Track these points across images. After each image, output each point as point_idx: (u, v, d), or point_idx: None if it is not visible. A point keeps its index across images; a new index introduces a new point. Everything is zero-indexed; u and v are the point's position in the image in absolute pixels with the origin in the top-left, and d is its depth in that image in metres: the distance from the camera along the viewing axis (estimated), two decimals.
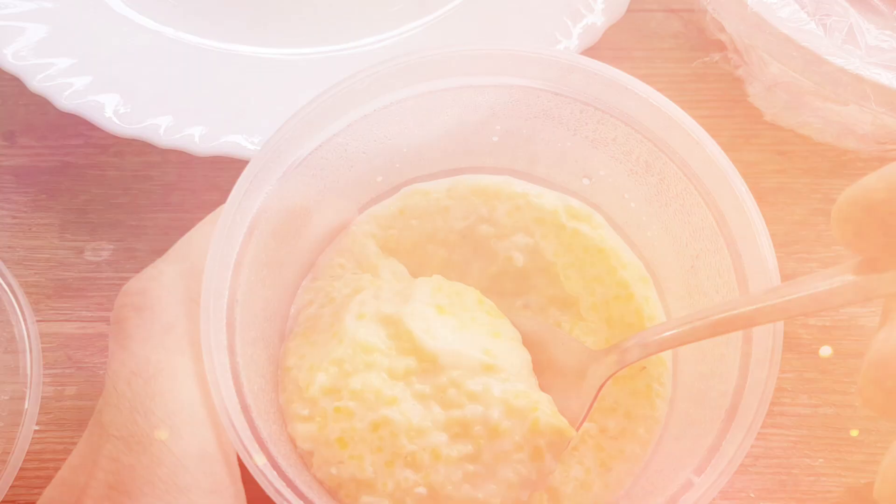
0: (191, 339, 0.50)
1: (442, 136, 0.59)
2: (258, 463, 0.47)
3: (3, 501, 0.68)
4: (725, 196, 0.52)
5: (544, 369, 0.56)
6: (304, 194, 0.56)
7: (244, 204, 0.51)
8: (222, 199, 0.51)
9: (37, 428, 0.73)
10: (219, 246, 0.50)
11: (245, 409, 0.49)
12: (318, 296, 0.59)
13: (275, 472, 0.48)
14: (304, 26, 0.85)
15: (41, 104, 0.78)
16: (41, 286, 0.77)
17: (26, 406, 0.71)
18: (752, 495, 0.72)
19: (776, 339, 0.50)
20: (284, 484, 0.48)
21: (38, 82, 0.77)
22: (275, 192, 0.53)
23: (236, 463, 0.49)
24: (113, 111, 0.77)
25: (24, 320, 0.74)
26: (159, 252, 0.54)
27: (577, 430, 0.53)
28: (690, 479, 0.49)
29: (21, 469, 0.70)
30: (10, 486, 0.68)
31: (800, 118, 0.79)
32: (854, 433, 0.73)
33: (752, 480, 0.72)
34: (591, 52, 0.80)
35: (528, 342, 0.57)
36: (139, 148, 0.78)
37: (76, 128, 0.81)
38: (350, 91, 0.54)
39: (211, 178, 0.80)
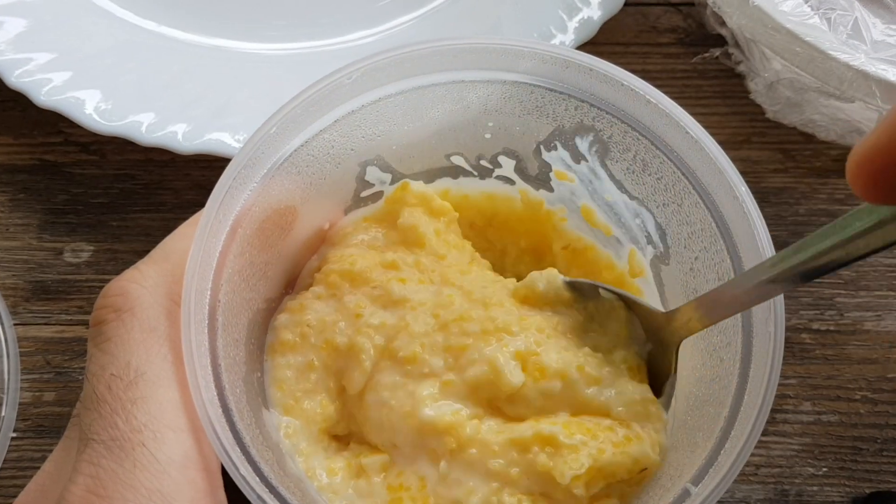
0: (172, 342, 0.50)
1: (432, 132, 0.59)
2: (240, 469, 0.47)
3: None
4: (724, 196, 0.52)
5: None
6: (288, 193, 0.56)
7: (226, 203, 0.51)
8: (206, 199, 0.51)
9: (14, 435, 0.73)
10: (200, 246, 0.50)
11: (227, 413, 0.49)
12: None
13: (256, 478, 0.48)
14: (292, 20, 0.85)
15: (19, 101, 0.78)
16: (19, 289, 0.78)
17: (3, 412, 0.71)
18: None
19: (777, 344, 0.50)
20: (267, 490, 0.48)
21: (16, 78, 0.77)
22: (258, 190, 0.53)
23: (218, 469, 0.50)
24: (94, 108, 0.77)
25: (1, 324, 0.74)
26: (141, 253, 0.54)
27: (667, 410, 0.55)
28: (688, 489, 0.49)
29: None
30: None
31: (803, 115, 0.79)
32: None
33: (753, 490, 0.73)
34: (588, 47, 0.80)
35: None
36: (121, 146, 0.78)
37: (55, 125, 0.82)
38: (337, 86, 0.54)
39: (195, 177, 0.81)
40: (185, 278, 0.50)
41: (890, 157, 0.35)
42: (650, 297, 0.62)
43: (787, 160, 0.82)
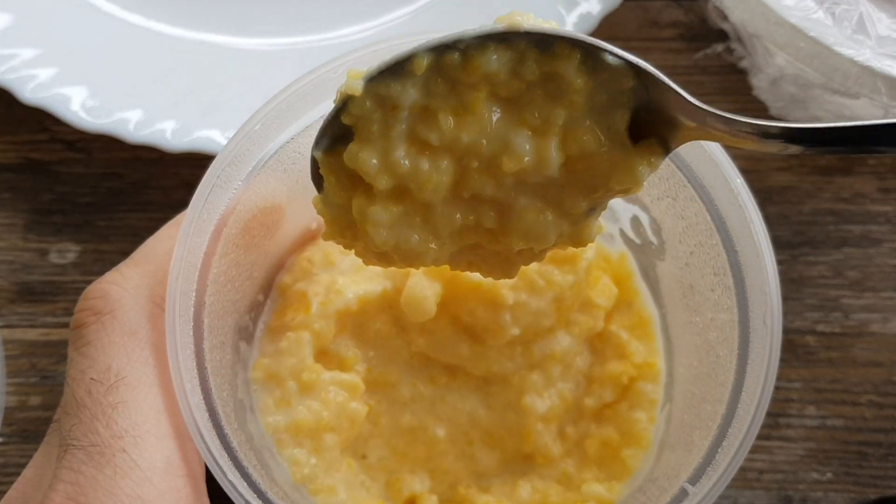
0: (155, 345, 0.50)
1: None
2: (228, 475, 0.47)
3: None
4: (720, 189, 0.52)
5: None
6: (274, 191, 0.55)
7: (211, 202, 0.51)
8: None
9: None
10: (184, 247, 0.50)
11: (214, 417, 0.49)
12: None
13: (245, 483, 0.48)
14: (285, 15, 0.85)
15: (4, 97, 0.78)
16: (3, 290, 0.77)
17: None
18: None
19: (774, 342, 0.50)
20: (255, 495, 0.48)
21: (0, 74, 0.77)
22: (243, 189, 0.53)
23: (202, 475, 0.49)
24: (80, 105, 0.77)
25: None
26: (129, 254, 0.53)
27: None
28: (685, 489, 0.49)
29: None
30: None
31: (807, 112, 0.78)
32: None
33: (757, 496, 0.72)
34: None
35: None
36: (108, 144, 0.78)
37: (41, 122, 0.81)
38: (323, 81, 0.53)
39: (184, 175, 0.80)
40: (170, 280, 0.49)
41: None
42: (644, 297, 0.62)
43: (791, 158, 0.81)
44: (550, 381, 0.60)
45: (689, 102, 0.47)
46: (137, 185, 0.80)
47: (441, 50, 0.45)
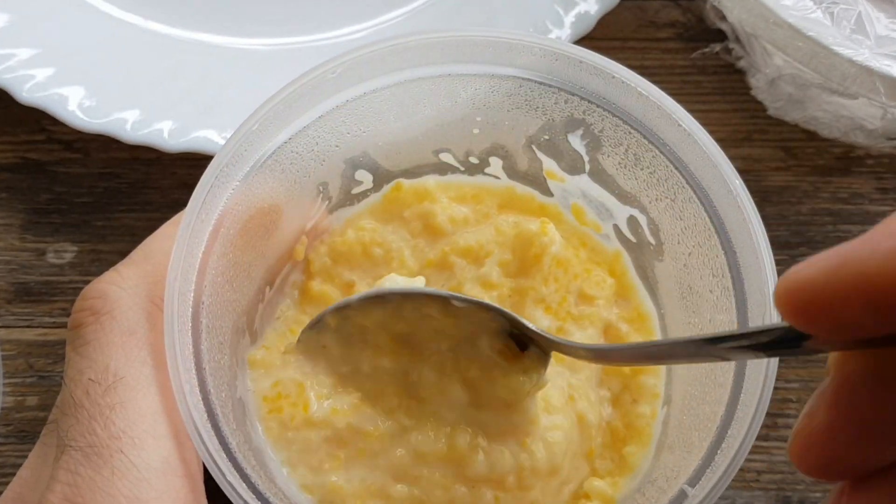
0: (153, 346, 0.50)
1: (419, 128, 0.59)
2: (227, 476, 0.47)
3: None
4: (719, 190, 0.52)
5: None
6: (272, 191, 0.55)
7: (209, 202, 0.51)
8: None
9: None
10: (182, 247, 0.50)
11: (213, 418, 0.49)
12: None
13: (244, 484, 0.48)
14: (282, 15, 0.85)
15: (1, 97, 0.78)
16: (0, 290, 0.77)
17: None
18: None
19: None
20: (254, 497, 0.48)
21: None
22: (241, 189, 0.53)
23: (200, 476, 0.49)
24: (77, 105, 0.76)
25: None
26: (126, 254, 0.53)
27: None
28: (684, 491, 0.49)
29: None
30: None
31: (805, 112, 0.78)
32: None
33: (755, 497, 0.72)
34: (585, 42, 0.80)
35: None
36: (105, 144, 0.78)
37: (38, 122, 0.81)
38: (321, 81, 0.53)
39: (181, 175, 0.80)
40: (168, 280, 0.49)
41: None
42: (641, 293, 0.62)
43: (789, 158, 0.82)
44: (590, 382, 0.59)
45: (531, 330, 0.53)
46: (135, 185, 0.80)
47: (341, 308, 0.55)
